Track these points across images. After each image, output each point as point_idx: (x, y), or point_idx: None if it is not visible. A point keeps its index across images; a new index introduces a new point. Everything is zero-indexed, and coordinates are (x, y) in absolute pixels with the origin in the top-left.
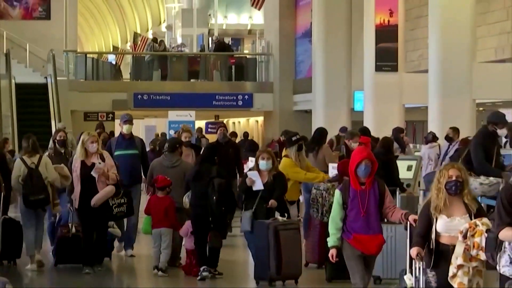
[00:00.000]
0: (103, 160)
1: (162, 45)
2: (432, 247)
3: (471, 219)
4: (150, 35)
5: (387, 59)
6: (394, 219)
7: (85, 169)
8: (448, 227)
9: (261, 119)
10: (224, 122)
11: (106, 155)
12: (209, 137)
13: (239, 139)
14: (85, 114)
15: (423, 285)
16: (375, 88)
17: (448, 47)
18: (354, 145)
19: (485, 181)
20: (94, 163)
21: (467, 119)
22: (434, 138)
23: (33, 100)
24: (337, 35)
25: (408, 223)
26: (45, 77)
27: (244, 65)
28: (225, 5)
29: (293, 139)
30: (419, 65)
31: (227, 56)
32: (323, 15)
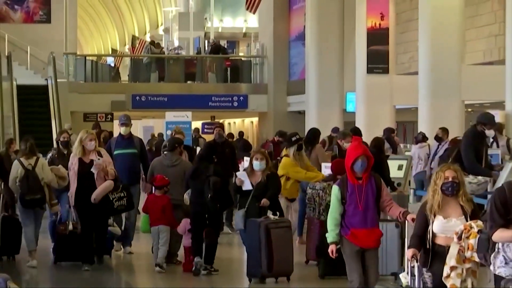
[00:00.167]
0: (101, 156)
1: (159, 47)
2: (428, 247)
3: (467, 221)
4: (148, 38)
5: (378, 62)
6: (391, 215)
7: (83, 166)
8: (444, 228)
9: (256, 119)
10: (221, 122)
11: (103, 152)
12: (206, 137)
13: (234, 138)
14: (85, 115)
15: (419, 285)
16: (366, 89)
17: (437, 50)
18: (346, 145)
19: (474, 180)
20: (92, 160)
21: (456, 119)
22: (424, 138)
23: (34, 101)
24: (330, 38)
25: (406, 222)
26: (46, 79)
27: (239, 67)
28: (220, 9)
29: (293, 139)
30: (410, 67)
31: (223, 58)
32: (316, 19)
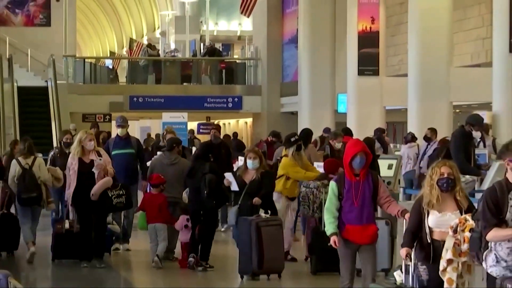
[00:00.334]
0: (100, 156)
1: (155, 49)
2: (426, 241)
3: (461, 215)
4: (145, 41)
5: (369, 64)
6: (389, 212)
7: (83, 166)
8: (439, 222)
9: (250, 120)
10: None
11: (102, 152)
12: (201, 137)
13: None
14: (84, 115)
15: (413, 282)
16: (357, 91)
17: (426, 53)
18: (338, 145)
19: (462, 179)
20: (92, 160)
21: (444, 120)
22: (413, 138)
23: (34, 102)
24: (322, 41)
25: (397, 219)
26: (46, 81)
27: (234, 69)
28: (216, 13)
29: (291, 140)
30: (399, 70)
31: (218, 60)
32: (309, 23)
